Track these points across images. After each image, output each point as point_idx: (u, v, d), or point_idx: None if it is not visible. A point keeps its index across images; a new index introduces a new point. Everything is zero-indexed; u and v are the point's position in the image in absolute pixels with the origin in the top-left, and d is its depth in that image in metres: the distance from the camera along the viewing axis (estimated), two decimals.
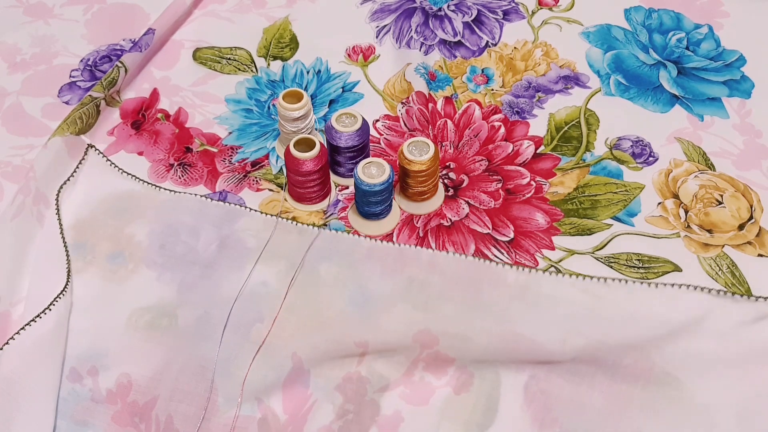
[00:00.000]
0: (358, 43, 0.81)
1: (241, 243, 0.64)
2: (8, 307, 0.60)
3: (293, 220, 0.65)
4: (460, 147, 0.71)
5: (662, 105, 0.74)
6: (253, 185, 0.69)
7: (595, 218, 0.65)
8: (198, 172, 0.70)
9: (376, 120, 0.74)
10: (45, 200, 0.66)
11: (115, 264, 0.63)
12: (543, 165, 0.69)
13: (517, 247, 0.63)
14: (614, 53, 0.79)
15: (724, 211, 0.65)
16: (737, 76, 0.77)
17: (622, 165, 0.69)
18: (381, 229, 0.64)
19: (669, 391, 0.53)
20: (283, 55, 0.80)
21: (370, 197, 0.62)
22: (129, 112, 0.75)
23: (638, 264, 0.62)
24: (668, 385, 0.53)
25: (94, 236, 0.65)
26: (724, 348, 0.56)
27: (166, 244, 0.64)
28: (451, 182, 0.68)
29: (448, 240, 0.64)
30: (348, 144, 0.65)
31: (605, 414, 0.52)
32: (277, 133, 0.73)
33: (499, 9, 0.85)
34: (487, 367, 0.54)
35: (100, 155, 0.68)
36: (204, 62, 0.80)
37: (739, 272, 0.61)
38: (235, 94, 0.77)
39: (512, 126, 0.73)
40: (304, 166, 0.63)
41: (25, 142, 0.72)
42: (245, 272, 0.62)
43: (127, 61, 0.75)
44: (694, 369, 0.54)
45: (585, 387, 0.53)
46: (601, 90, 0.76)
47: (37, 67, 0.80)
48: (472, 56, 0.80)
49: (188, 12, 0.84)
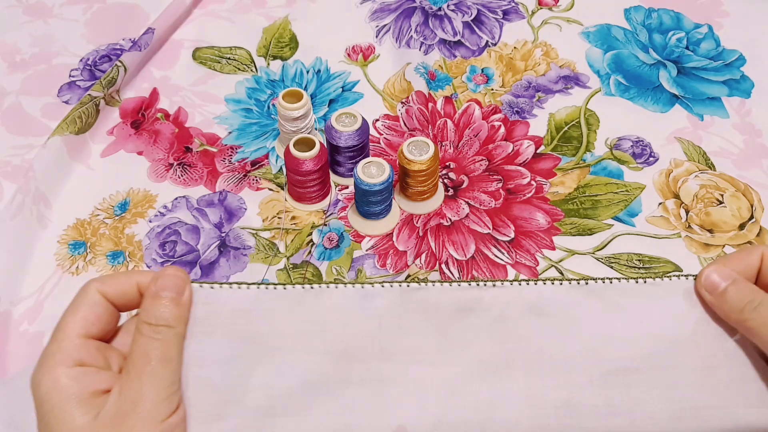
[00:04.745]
0: (358, 43, 0.81)
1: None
2: (8, 307, 0.60)
3: (293, 219, 0.65)
4: (460, 147, 0.71)
5: (662, 105, 0.74)
6: (253, 185, 0.68)
7: (596, 218, 0.65)
8: (198, 172, 0.70)
9: (375, 120, 0.74)
10: (45, 200, 0.66)
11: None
12: (543, 165, 0.69)
13: (517, 246, 0.63)
14: (614, 53, 0.79)
15: (725, 211, 0.65)
16: (737, 75, 0.77)
17: (623, 165, 0.69)
18: (381, 228, 0.64)
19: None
20: (283, 54, 0.80)
21: (369, 197, 0.62)
22: (128, 112, 0.75)
23: (639, 264, 0.62)
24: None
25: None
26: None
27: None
28: (451, 182, 0.68)
29: (448, 240, 0.64)
30: (348, 143, 0.65)
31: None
32: (277, 132, 0.72)
33: (499, 9, 0.85)
34: None
35: (200, 286, 0.47)
36: (204, 62, 0.80)
37: None
38: (235, 94, 0.77)
39: (512, 126, 0.73)
40: (303, 165, 0.63)
41: (25, 141, 0.72)
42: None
43: (126, 61, 0.75)
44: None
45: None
46: (601, 90, 0.76)
47: (36, 67, 0.80)
48: (471, 56, 0.80)
49: (188, 11, 0.84)
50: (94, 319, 0.43)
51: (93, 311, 0.43)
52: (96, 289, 0.43)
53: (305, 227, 0.65)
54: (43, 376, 0.40)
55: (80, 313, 0.43)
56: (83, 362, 0.41)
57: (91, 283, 0.44)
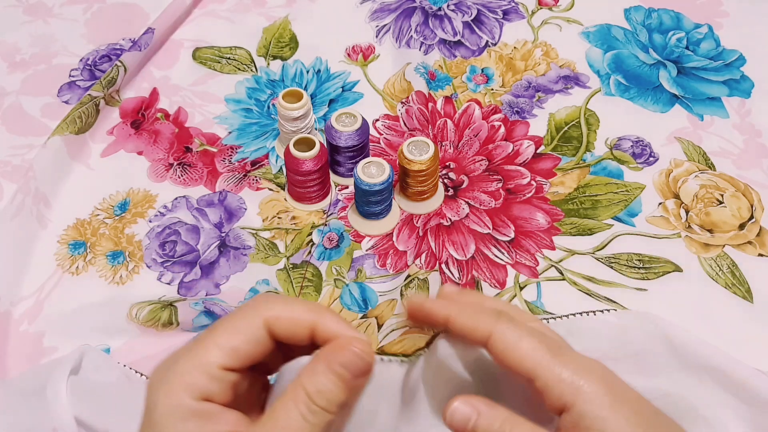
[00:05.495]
0: (358, 43, 0.81)
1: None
2: (8, 307, 0.60)
3: (293, 219, 0.65)
4: (460, 147, 0.71)
5: (662, 105, 0.74)
6: (253, 184, 0.68)
7: (596, 218, 0.65)
8: (198, 172, 0.70)
9: (375, 119, 0.74)
10: (45, 199, 0.66)
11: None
12: (543, 165, 0.69)
13: (517, 246, 0.63)
14: (614, 53, 0.79)
15: (725, 211, 0.65)
16: (737, 75, 0.77)
17: (623, 165, 0.69)
18: (381, 228, 0.64)
19: None
20: (283, 54, 0.80)
21: (369, 197, 0.62)
22: (128, 112, 0.75)
23: (639, 264, 0.62)
24: None
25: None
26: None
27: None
28: (451, 182, 0.68)
29: (448, 240, 0.64)
30: (348, 143, 0.65)
31: None
32: (277, 132, 0.72)
33: (499, 9, 0.85)
34: None
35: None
36: (204, 62, 0.80)
37: (739, 272, 0.61)
38: (235, 94, 0.77)
39: (512, 126, 0.73)
40: (303, 165, 0.63)
41: (25, 141, 0.72)
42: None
43: (126, 61, 0.75)
44: None
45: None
46: (601, 90, 0.76)
47: (36, 67, 0.80)
48: (471, 56, 0.80)
49: (188, 11, 0.84)
50: (246, 353, 0.36)
51: (248, 343, 0.36)
52: (263, 319, 0.36)
53: (305, 227, 0.65)
54: (164, 397, 0.35)
55: (232, 342, 0.36)
56: (211, 397, 0.35)
57: (260, 307, 0.37)
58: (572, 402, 0.35)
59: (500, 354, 0.37)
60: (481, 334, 0.37)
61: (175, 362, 0.36)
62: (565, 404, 0.35)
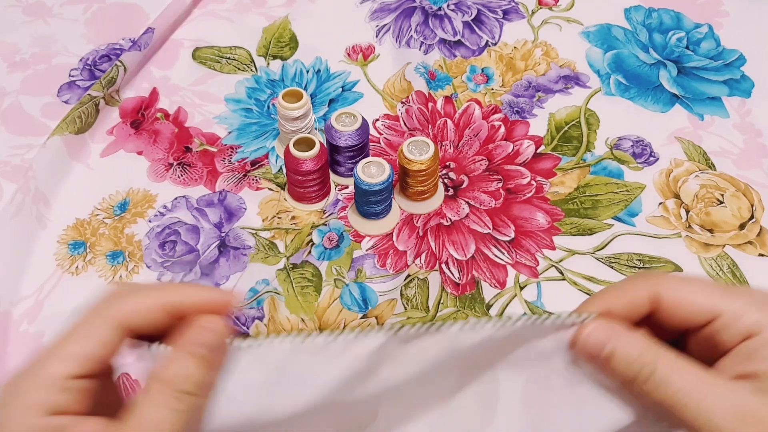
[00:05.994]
0: (358, 43, 0.81)
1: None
2: (8, 307, 0.60)
3: (293, 219, 0.65)
4: (460, 147, 0.71)
5: (662, 105, 0.74)
6: (253, 184, 0.68)
7: (596, 218, 0.65)
8: (198, 171, 0.70)
9: (375, 119, 0.73)
10: (44, 199, 0.66)
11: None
12: (543, 165, 0.69)
13: (517, 246, 0.63)
14: (614, 53, 0.79)
15: (725, 211, 0.65)
16: (737, 75, 0.77)
17: (623, 165, 0.69)
18: (381, 228, 0.64)
19: None
20: (283, 54, 0.80)
21: (369, 197, 0.62)
22: (128, 112, 0.75)
23: (639, 264, 0.62)
24: None
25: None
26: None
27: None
28: (451, 182, 0.68)
29: (448, 239, 0.64)
30: (348, 143, 0.65)
31: None
32: (277, 132, 0.72)
33: (499, 8, 0.85)
34: None
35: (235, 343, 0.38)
36: (203, 62, 0.80)
37: (739, 272, 0.61)
38: (235, 94, 0.76)
39: (512, 126, 0.73)
40: (303, 165, 0.63)
41: (25, 141, 0.72)
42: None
43: (126, 61, 0.75)
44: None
45: None
46: (601, 90, 0.76)
47: (36, 67, 0.80)
48: (471, 56, 0.80)
49: (188, 11, 0.84)
50: (97, 357, 0.34)
51: (97, 348, 0.34)
52: (114, 321, 0.34)
53: (305, 227, 0.65)
54: (9, 421, 0.32)
55: (80, 349, 0.33)
56: (63, 409, 0.33)
57: (108, 309, 0.35)
58: (760, 328, 0.35)
59: (677, 302, 0.36)
60: (650, 293, 0.36)
61: (18, 380, 0.33)
62: (751, 331, 0.35)
